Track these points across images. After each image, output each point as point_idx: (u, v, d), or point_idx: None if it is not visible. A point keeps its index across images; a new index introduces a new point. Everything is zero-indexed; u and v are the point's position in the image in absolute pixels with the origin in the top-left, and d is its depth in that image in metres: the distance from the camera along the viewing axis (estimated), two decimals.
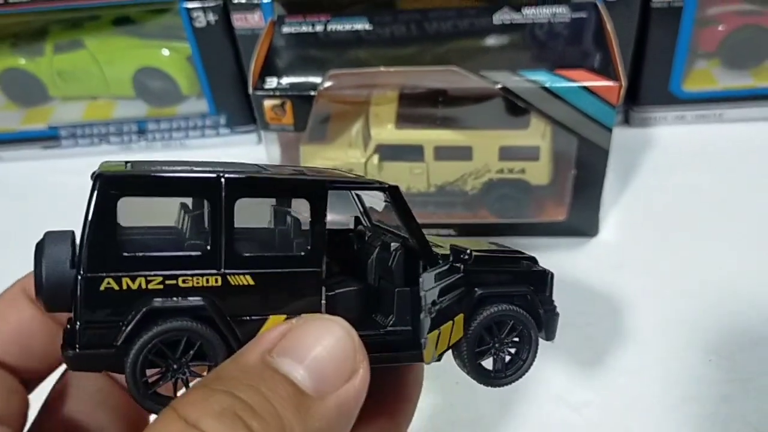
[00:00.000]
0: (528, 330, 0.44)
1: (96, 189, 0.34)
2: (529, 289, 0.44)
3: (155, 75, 0.90)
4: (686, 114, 0.87)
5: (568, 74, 0.64)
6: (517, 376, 0.44)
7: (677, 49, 0.82)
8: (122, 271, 0.35)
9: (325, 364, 0.33)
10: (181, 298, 0.35)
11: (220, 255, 0.36)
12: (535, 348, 0.44)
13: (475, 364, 0.43)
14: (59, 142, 0.92)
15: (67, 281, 0.34)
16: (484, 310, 0.42)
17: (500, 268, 0.44)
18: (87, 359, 0.35)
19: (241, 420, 0.29)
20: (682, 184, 0.82)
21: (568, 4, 0.71)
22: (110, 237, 0.35)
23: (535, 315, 0.44)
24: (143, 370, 0.35)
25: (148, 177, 0.35)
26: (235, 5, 0.79)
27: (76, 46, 0.89)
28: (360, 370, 0.34)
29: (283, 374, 0.31)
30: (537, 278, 0.45)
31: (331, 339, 0.33)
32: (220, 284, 0.36)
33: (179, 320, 0.35)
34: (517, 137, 0.69)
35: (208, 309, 0.35)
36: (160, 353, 0.35)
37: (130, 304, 0.35)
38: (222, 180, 0.36)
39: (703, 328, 0.67)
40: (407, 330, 0.40)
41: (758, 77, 0.87)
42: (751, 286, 0.70)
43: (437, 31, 0.74)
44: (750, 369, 0.64)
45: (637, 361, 0.66)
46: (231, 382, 0.30)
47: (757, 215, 0.78)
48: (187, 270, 0.35)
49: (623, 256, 0.74)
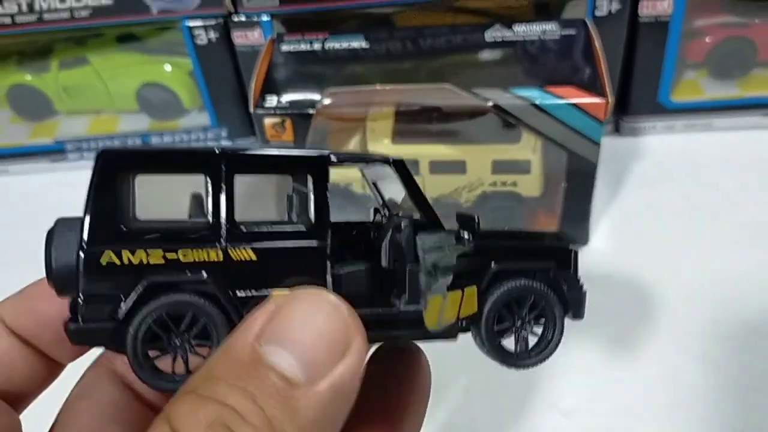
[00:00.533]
0: (552, 307, 0.42)
1: (98, 164, 0.35)
2: (550, 264, 0.42)
3: (158, 90, 0.92)
4: (675, 123, 0.90)
5: (557, 91, 0.66)
6: (542, 357, 0.42)
7: (665, 61, 0.84)
8: (123, 245, 0.35)
9: (315, 346, 0.31)
10: (183, 272, 0.35)
11: (221, 229, 0.36)
12: (560, 327, 0.42)
13: (495, 344, 0.41)
14: (65, 156, 0.94)
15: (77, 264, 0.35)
16: (501, 285, 0.41)
17: (515, 243, 0.43)
18: (88, 333, 0.35)
19: (230, 430, 0.28)
20: (671, 192, 0.85)
21: (557, 22, 0.74)
22: (111, 211, 0.35)
23: (558, 292, 0.42)
24: (144, 344, 0.35)
25: (148, 152, 0.37)
26: (236, 23, 0.81)
27: (80, 63, 0.92)
28: (353, 344, 0.32)
29: (272, 366, 0.30)
30: (560, 254, 0.43)
31: (320, 317, 0.32)
32: (221, 259, 0.36)
33: (180, 294, 0.35)
34: (509, 151, 0.71)
35: (210, 283, 0.35)
36: (162, 328, 0.35)
37: (131, 278, 0.35)
38: (221, 154, 0.36)
39: (691, 335, 0.70)
40: (419, 309, 0.39)
41: (744, 87, 0.90)
42: (739, 293, 0.73)
43: (432, 47, 0.77)
44: (737, 374, 0.67)
45: (626, 367, 0.68)
46: (219, 384, 0.30)
47: (745, 222, 0.80)
48: (188, 244, 0.35)
49: (613, 264, 0.77)
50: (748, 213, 0.81)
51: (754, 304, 0.72)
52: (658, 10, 0.80)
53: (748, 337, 0.69)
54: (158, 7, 0.80)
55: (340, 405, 0.32)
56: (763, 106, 0.89)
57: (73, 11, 0.80)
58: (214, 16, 0.81)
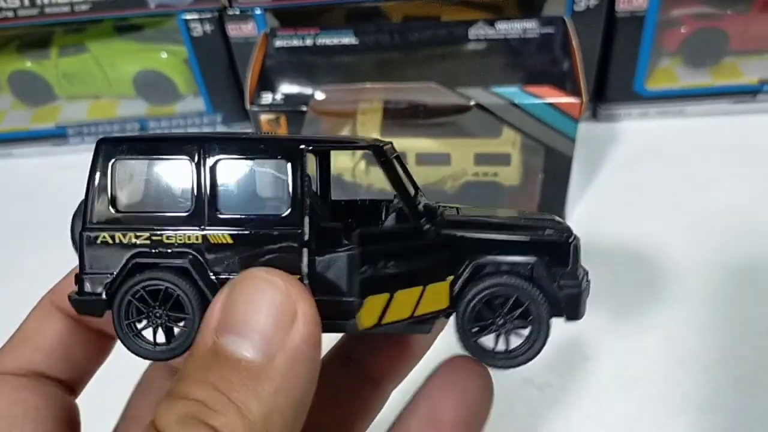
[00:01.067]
0: (537, 308, 0.39)
1: (96, 152, 0.39)
2: (537, 260, 0.39)
3: (154, 76, 0.96)
4: (649, 110, 0.95)
5: (535, 91, 0.70)
6: (522, 360, 0.41)
7: (640, 52, 0.89)
8: (115, 227, 0.38)
9: (263, 324, 0.33)
10: (165, 252, 0.38)
11: (203, 214, 0.38)
12: (545, 330, 0.40)
13: (471, 342, 0.40)
14: (67, 140, 0.98)
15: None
16: (479, 282, 0.39)
17: (498, 235, 0.40)
18: (86, 304, 0.39)
19: (200, 420, 0.31)
20: (645, 176, 0.90)
21: (538, 20, 0.78)
22: (107, 196, 0.39)
23: (545, 291, 0.39)
24: (127, 314, 0.39)
25: (139, 138, 0.40)
26: (230, 16, 0.85)
27: (80, 50, 0.95)
28: (299, 311, 0.33)
29: (231, 355, 0.32)
30: (552, 248, 0.40)
31: (260, 295, 0.33)
32: (200, 241, 0.38)
33: (155, 272, 0.38)
34: (490, 145, 0.76)
35: (187, 263, 0.38)
36: (142, 302, 0.38)
37: (121, 256, 0.38)
38: (201, 140, 0.38)
39: (656, 314, 0.76)
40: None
41: (716, 75, 0.94)
42: (707, 274, 0.78)
43: (418, 40, 0.81)
44: (695, 350, 0.73)
45: (595, 345, 0.74)
46: (187, 382, 0.32)
47: (715, 206, 0.85)
48: (172, 227, 0.38)
49: (586, 247, 0.82)
50: (716, 195, 0.86)
51: (720, 284, 0.77)
52: (634, 5, 0.84)
53: (713, 314, 0.75)
54: (156, 2, 0.83)
55: (302, 371, 0.33)
56: (733, 94, 0.93)
57: (74, 5, 0.83)
58: (210, 10, 0.84)
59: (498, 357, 0.40)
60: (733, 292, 0.76)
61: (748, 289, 0.76)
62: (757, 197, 0.85)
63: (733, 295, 0.76)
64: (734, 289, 0.77)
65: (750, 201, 0.85)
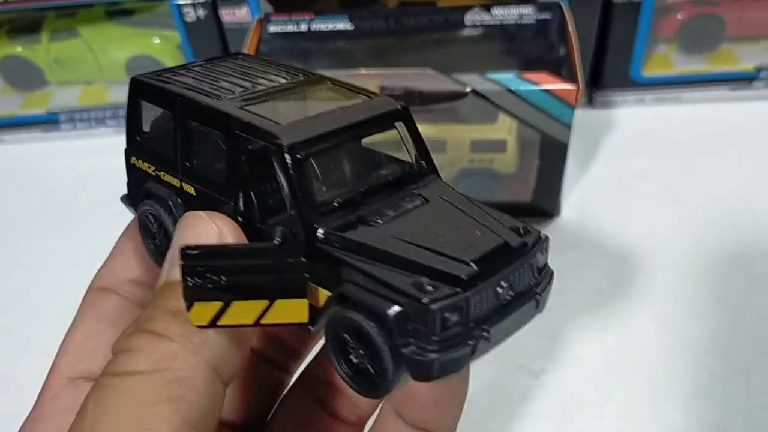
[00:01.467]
0: (379, 353, 0.35)
1: (129, 87, 0.44)
2: (389, 311, 0.34)
3: (147, 61, 0.95)
4: (645, 97, 0.94)
5: (531, 77, 0.70)
6: (371, 394, 0.37)
7: (637, 38, 0.88)
8: (139, 155, 0.45)
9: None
10: (161, 186, 0.44)
11: (178, 165, 0.43)
12: (387, 377, 0.35)
13: (334, 361, 0.38)
14: (58, 126, 0.97)
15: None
16: (339, 308, 0.36)
17: (366, 267, 0.35)
18: (129, 199, 0.48)
19: (141, 329, 0.35)
20: (642, 163, 0.89)
21: (534, 5, 0.77)
22: (137, 129, 0.45)
23: (391, 341, 0.34)
24: (142, 228, 0.46)
25: (151, 83, 0.44)
26: (224, 1, 0.84)
27: (71, 35, 0.94)
28: (224, 232, 0.38)
29: (172, 281, 0.37)
30: (409, 306, 0.33)
31: (195, 229, 0.38)
32: (178, 186, 0.44)
33: (151, 201, 0.45)
34: (486, 132, 0.76)
35: (169, 200, 0.44)
36: (152, 217, 0.45)
37: (143, 180, 0.45)
38: (178, 99, 0.41)
39: (650, 302, 0.76)
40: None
41: (712, 62, 0.94)
42: (697, 263, 0.78)
43: (414, 25, 0.80)
44: (690, 338, 0.73)
45: (591, 331, 0.74)
46: (142, 312, 0.37)
47: (711, 193, 0.85)
48: (166, 169, 0.44)
49: (582, 234, 0.82)
50: (712, 182, 0.86)
51: (714, 273, 0.77)
52: None
53: (708, 302, 0.75)
54: None
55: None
56: (730, 80, 0.93)
57: None
58: None
59: (353, 382, 0.38)
60: (728, 279, 0.76)
61: (744, 276, 0.76)
62: (754, 184, 0.85)
63: (728, 283, 0.76)
64: (730, 277, 0.76)
65: (746, 188, 0.85)
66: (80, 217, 0.89)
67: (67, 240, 0.85)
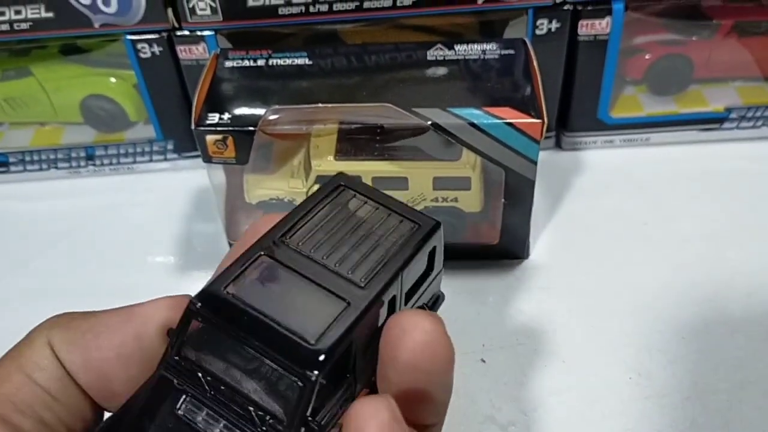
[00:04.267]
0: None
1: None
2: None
3: (102, 102, 0.92)
4: (614, 138, 0.92)
5: (494, 111, 0.67)
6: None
7: (604, 79, 0.87)
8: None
9: None
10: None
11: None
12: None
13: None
14: (8, 168, 0.93)
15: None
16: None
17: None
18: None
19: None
20: (610, 205, 0.87)
21: (497, 42, 0.75)
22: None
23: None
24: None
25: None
26: (179, 38, 0.81)
27: (23, 74, 0.91)
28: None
29: None
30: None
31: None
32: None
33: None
34: (450, 168, 0.73)
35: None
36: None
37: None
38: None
39: (624, 347, 0.72)
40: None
41: (681, 103, 0.92)
42: (671, 307, 0.75)
43: (376, 64, 0.78)
44: (666, 386, 0.69)
45: (562, 379, 0.70)
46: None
47: (680, 236, 0.82)
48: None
49: (551, 277, 0.79)
50: (683, 224, 0.84)
51: (689, 316, 0.74)
52: (597, 29, 0.82)
53: (684, 346, 0.71)
54: (100, 21, 0.79)
55: None
56: (699, 122, 0.91)
57: (13, 23, 0.79)
58: (158, 31, 0.81)
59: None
60: (703, 323, 0.73)
61: (719, 319, 0.73)
62: (726, 226, 0.83)
63: (703, 326, 0.73)
64: (705, 320, 0.73)
65: (718, 230, 0.83)
66: (24, 262, 0.85)
67: (10, 283, 0.81)
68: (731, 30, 0.89)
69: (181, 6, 0.79)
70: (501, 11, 0.81)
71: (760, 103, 0.90)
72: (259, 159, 0.74)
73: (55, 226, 0.89)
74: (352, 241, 0.41)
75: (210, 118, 0.70)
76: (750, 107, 0.90)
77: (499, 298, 0.77)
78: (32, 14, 0.79)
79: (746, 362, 0.70)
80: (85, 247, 0.86)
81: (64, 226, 0.89)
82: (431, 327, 0.36)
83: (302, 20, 0.81)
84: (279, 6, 0.80)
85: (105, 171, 0.94)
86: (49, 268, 0.84)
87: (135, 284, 0.76)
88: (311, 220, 0.42)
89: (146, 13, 0.79)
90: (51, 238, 0.88)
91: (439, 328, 0.36)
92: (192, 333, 0.36)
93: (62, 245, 0.87)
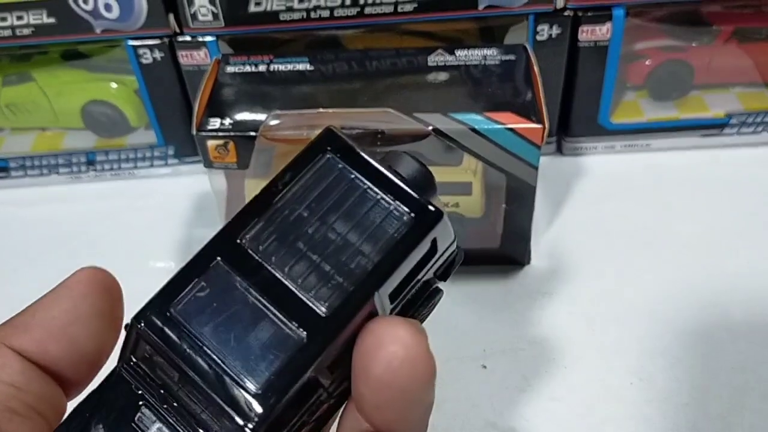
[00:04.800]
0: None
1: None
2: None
3: (104, 107, 0.92)
4: (615, 144, 0.92)
5: (495, 116, 0.67)
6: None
7: (605, 84, 0.87)
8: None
9: None
10: None
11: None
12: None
13: None
14: (8, 173, 0.93)
15: None
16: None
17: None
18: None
19: None
20: (611, 210, 0.87)
21: (498, 47, 0.75)
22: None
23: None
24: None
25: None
26: (181, 43, 0.81)
27: (24, 80, 0.91)
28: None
29: None
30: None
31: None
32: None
33: None
34: (451, 174, 0.73)
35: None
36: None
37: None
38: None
39: (625, 352, 0.72)
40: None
41: (682, 109, 0.93)
42: (672, 312, 0.75)
43: (377, 69, 0.78)
44: (668, 390, 0.69)
45: (563, 384, 0.70)
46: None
47: (681, 241, 0.82)
48: None
49: (552, 283, 0.79)
50: (684, 229, 0.83)
51: (690, 321, 0.74)
52: (597, 35, 0.82)
53: (685, 351, 0.71)
54: (102, 26, 0.79)
55: None
56: (699, 127, 0.91)
57: (15, 29, 0.79)
58: (159, 36, 0.81)
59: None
60: (704, 327, 0.73)
61: (720, 324, 0.73)
62: (727, 231, 0.83)
63: (704, 331, 0.73)
64: (705, 325, 0.73)
65: (719, 235, 0.83)
66: (25, 267, 0.85)
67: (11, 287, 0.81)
68: (731, 36, 0.89)
69: (182, 12, 0.79)
70: (502, 17, 0.81)
71: (760, 108, 0.90)
72: (260, 164, 0.74)
73: (56, 232, 0.89)
74: (326, 243, 0.33)
75: (211, 123, 0.70)
76: (750, 113, 0.90)
77: (500, 303, 0.77)
78: (34, 20, 0.79)
79: (747, 367, 0.69)
80: (86, 253, 0.86)
81: (65, 232, 0.89)
82: (412, 341, 0.31)
83: (303, 26, 0.81)
84: (280, 12, 0.80)
85: (106, 176, 0.94)
86: (51, 274, 0.83)
87: (136, 290, 0.75)
88: (283, 206, 0.34)
89: (148, 19, 0.80)
90: (52, 244, 0.88)
91: (420, 341, 0.32)
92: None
93: (63, 250, 0.87)
